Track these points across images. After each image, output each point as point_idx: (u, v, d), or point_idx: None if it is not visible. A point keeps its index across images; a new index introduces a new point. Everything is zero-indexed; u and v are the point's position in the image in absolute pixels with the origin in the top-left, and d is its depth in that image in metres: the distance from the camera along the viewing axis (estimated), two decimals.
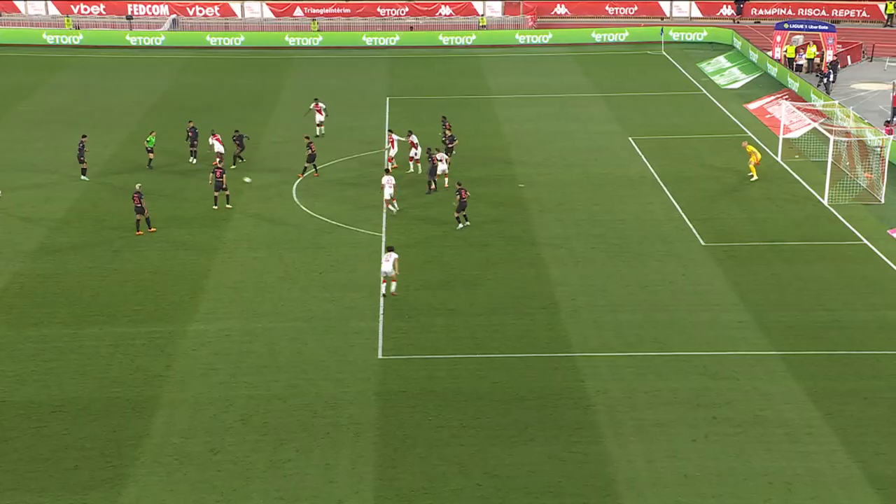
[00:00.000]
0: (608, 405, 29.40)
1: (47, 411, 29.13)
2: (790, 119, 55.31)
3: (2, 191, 46.02)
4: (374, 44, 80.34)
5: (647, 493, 25.51)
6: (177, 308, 35.49)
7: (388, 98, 63.93)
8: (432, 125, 54.02)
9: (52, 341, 33.17)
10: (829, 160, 46.58)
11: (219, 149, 48.71)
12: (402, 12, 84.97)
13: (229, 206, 44.41)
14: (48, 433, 28.07)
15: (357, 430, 28.20)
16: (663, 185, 47.92)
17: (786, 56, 70.88)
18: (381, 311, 35.05)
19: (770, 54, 71.45)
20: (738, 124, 58.18)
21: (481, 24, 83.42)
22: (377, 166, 49.27)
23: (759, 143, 53.19)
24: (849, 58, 72.86)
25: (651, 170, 50.08)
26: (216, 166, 44.52)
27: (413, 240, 41.13)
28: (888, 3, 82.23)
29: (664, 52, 77.28)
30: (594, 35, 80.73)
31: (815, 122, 51.30)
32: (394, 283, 36.16)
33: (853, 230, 42.34)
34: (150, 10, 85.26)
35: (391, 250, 36.12)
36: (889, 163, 48.44)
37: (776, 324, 34.29)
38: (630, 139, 55.27)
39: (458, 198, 41.91)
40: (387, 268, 35.72)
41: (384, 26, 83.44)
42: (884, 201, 45.30)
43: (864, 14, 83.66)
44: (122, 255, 39.90)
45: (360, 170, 49.58)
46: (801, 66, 70.09)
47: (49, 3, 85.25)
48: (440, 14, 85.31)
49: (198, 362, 31.85)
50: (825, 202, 45.30)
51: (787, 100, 58.76)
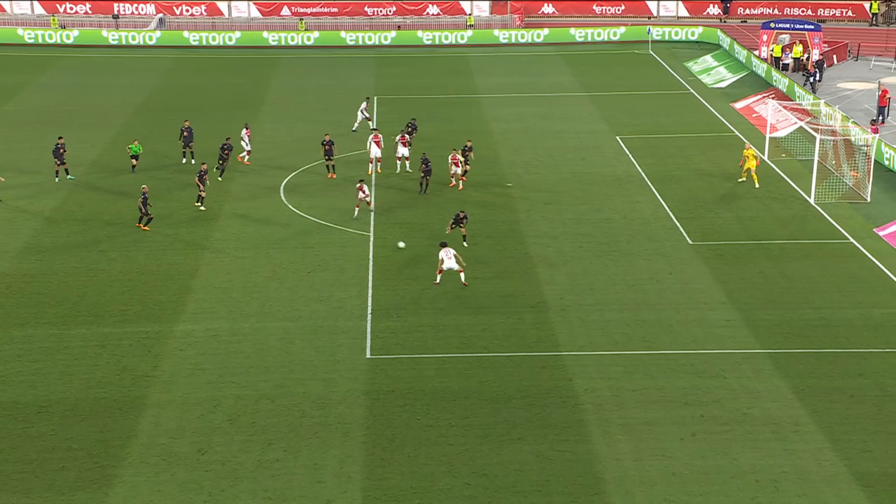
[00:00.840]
0: (596, 404, 29.44)
1: (34, 412, 29.03)
2: (777, 118, 55.45)
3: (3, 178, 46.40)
4: (361, 42, 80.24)
5: (634, 492, 25.55)
6: (164, 308, 35.40)
7: (375, 97, 63.82)
8: (423, 126, 53.82)
9: (39, 341, 33.05)
10: (816, 159, 46.75)
11: (247, 145, 50.00)
12: (390, 12, 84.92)
13: (202, 206, 44.36)
14: (34, 434, 27.96)
15: (345, 429, 28.17)
16: (650, 184, 47.99)
17: (772, 55, 71.06)
18: (369, 311, 35.04)
19: (757, 53, 71.67)
20: (725, 123, 58.31)
21: (469, 24, 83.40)
22: (365, 164, 49.29)
23: (749, 144, 53.30)
24: (835, 57, 73.11)
25: (638, 169, 50.16)
26: (204, 171, 44.38)
27: (400, 239, 41.05)
28: (873, 2, 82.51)
29: (651, 52, 77.40)
30: (575, 33, 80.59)
31: (801, 120, 51.44)
32: (462, 274, 36.58)
33: (840, 229, 42.48)
34: (137, 9, 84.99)
35: (445, 245, 36.55)
36: (875, 161, 48.63)
37: (763, 322, 34.38)
38: (617, 138, 55.34)
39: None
40: (451, 264, 36.15)
41: (371, 25, 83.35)
42: (870, 200, 45.46)
43: (850, 13, 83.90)
44: (109, 255, 39.78)
45: (347, 169, 49.49)
46: (788, 65, 70.31)
47: (35, 3, 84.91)
48: (427, 14, 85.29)
49: (185, 362, 31.78)
50: (812, 201, 45.44)
51: (773, 99, 58.92)
